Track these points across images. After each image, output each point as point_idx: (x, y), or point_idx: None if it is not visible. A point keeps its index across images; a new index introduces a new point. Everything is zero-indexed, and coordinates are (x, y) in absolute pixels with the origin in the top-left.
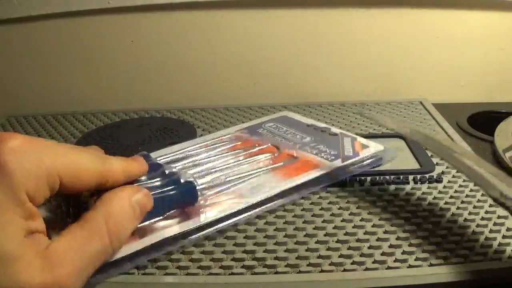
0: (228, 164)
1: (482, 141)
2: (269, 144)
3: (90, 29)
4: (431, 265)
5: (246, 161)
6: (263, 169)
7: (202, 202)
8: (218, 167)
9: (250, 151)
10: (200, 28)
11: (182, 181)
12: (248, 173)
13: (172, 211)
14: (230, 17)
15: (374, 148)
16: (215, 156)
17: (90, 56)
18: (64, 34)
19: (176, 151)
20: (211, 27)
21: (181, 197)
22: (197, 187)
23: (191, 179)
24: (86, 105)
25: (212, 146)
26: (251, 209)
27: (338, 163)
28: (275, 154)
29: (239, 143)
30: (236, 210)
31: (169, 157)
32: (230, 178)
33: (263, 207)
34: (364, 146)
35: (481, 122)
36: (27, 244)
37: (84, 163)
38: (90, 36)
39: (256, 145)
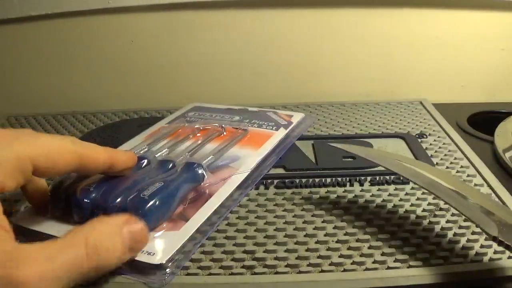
0: (195, 146)
1: (482, 141)
2: (213, 125)
3: (90, 29)
4: (430, 265)
5: (207, 141)
6: (231, 142)
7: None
8: (189, 150)
9: (197, 134)
10: (200, 28)
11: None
12: (220, 149)
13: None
14: (231, 17)
15: (297, 116)
16: (174, 144)
17: (90, 56)
18: (64, 34)
19: (134, 147)
20: (211, 27)
21: (193, 179)
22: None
23: (193, 161)
24: (86, 105)
25: (157, 138)
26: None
27: (283, 130)
28: (224, 133)
29: (179, 130)
30: (242, 180)
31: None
32: (209, 158)
33: (260, 170)
34: (289, 116)
35: (481, 122)
36: None
37: (58, 146)
38: (90, 36)
39: (201, 127)
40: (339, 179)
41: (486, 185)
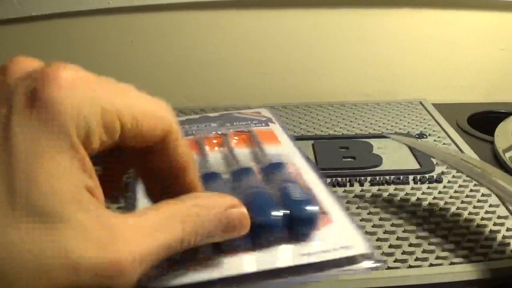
0: (229, 154)
1: (482, 141)
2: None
3: (90, 29)
4: (431, 265)
5: (231, 148)
6: (259, 143)
7: None
8: (229, 159)
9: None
10: (200, 28)
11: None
12: (261, 150)
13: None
14: (230, 17)
15: (266, 111)
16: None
17: (90, 56)
18: (64, 34)
19: None
20: (211, 27)
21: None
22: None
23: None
24: None
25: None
26: None
27: (274, 125)
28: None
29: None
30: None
31: None
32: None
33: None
34: (257, 112)
35: (481, 122)
36: (82, 205)
37: (150, 106)
38: (90, 36)
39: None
40: (339, 179)
41: None
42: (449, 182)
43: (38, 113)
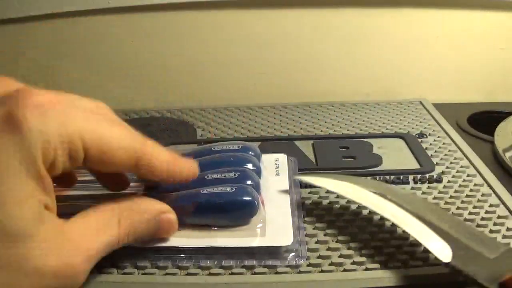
0: None
1: (482, 141)
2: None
3: (90, 29)
4: (429, 265)
5: None
6: None
7: None
8: None
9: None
10: (200, 28)
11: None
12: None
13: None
14: (230, 17)
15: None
16: None
17: (90, 56)
18: (64, 34)
19: None
20: (211, 27)
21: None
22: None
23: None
24: None
25: None
26: None
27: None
28: None
29: None
30: None
31: None
32: None
33: None
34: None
35: (481, 122)
36: (43, 222)
37: (118, 137)
38: (90, 36)
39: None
40: None
41: (486, 185)
42: (449, 182)
43: (10, 135)
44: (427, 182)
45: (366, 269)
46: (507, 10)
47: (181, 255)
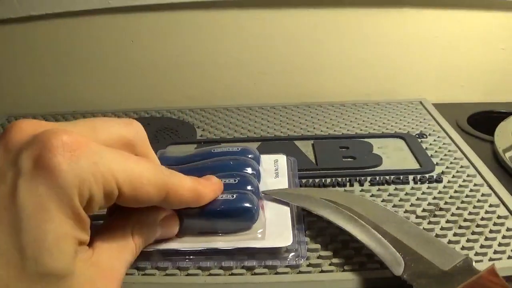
0: None
1: (482, 141)
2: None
3: (90, 29)
4: None
5: None
6: None
7: None
8: None
9: None
10: (200, 28)
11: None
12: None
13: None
14: (230, 17)
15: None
16: None
17: (90, 56)
18: (64, 34)
19: None
20: (211, 27)
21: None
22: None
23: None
24: (86, 105)
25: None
26: None
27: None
28: None
29: None
30: None
31: None
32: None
33: None
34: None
35: (481, 122)
36: (78, 257)
37: (146, 172)
38: (90, 36)
39: None
40: (339, 179)
41: (486, 185)
42: (449, 182)
43: (45, 179)
44: (427, 182)
45: (367, 269)
46: (507, 10)
47: (182, 257)
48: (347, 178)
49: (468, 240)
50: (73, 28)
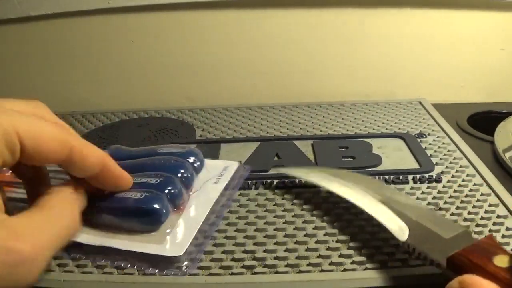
0: None
1: (482, 141)
2: None
3: (90, 29)
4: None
5: None
6: None
7: None
8: None
9: None
10: (200, 28)
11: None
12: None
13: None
14: (230, 17)
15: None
16: None
17: (90, 56)
18: (64, 34)
19: None
20: (211, 27)
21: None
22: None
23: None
24: (85, 105)
25: None
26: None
27: None
28: None
29: None
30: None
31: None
32: None
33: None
34: None
35: (481, 122)
36: None
37: (49, 127)
38: (90, 36)
39: None
40: None
41: (485, 184)
42: (448, 181)
43: None
44: (427, 182)
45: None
46: (507, 10)
47: (78, 249)
48: None
49: None
50: (73, 28)
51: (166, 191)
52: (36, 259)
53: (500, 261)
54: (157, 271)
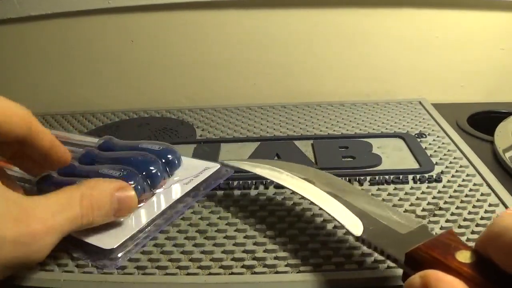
0: None
1: (482, 141)
2: None
3: (90, 29)
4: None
5: None
6: None
7: None
8: None
9: None
10: (200, 28)
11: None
12: None
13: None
14: (230, 17)
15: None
16: None
17: (90, 56)
18: (64, 34)
19: None
20: (211, 27)
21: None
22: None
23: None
24: (85, 105)
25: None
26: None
27: None
28: None
29: None
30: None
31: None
32: None
33: None
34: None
35: (481, 122)
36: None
37: (11, 106)
38: (90, 36)
39: None
40: None
41: (485, 184)
42: (448, 181)
43: None
44: (427, 181)
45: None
46: (507, 10)
47: None
48: (347, 178)
49: (467, 240)
50: (73, 28)
51: (130, 183)
52: (45, 238)
53: (463, 256)
54: (89, 261)
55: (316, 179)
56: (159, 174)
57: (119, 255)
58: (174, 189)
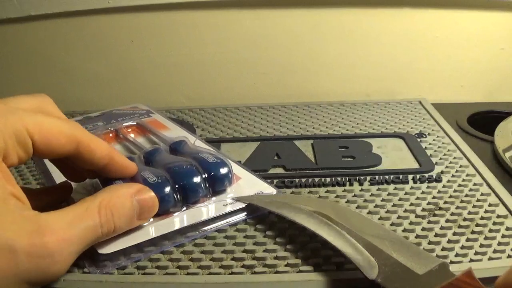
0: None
1: (482, 141)
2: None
3: (90, 29)
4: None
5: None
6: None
7: None
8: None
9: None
10: (200, 28)
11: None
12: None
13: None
14: (230, 17)
15: (140, 105)
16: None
17: (90, 56)
18: (64, 34)
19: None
20: (211, 27)
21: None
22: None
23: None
24: (85, 105)
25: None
26: None
27: (155, 115)
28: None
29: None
30: None
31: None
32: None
33: None
34: (132, 107)
35: (481, 122)
36: (10, 204)
37: (56, 122)
38: (90, 36)
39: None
40: (339, 178)
41: (485, 184)
42: (448, 181)
43: None
44: (427, 181)
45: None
46: (507, 10)
47: None
48: (347, 178)
49: (467, 240)
50: (73, 28)
51: (165, 191)
52: (62, 252)
53: None
54: (86, 263)
55: (331, 212)
56: (194, 188)
57: (108, 263)
58: (205, 210)
